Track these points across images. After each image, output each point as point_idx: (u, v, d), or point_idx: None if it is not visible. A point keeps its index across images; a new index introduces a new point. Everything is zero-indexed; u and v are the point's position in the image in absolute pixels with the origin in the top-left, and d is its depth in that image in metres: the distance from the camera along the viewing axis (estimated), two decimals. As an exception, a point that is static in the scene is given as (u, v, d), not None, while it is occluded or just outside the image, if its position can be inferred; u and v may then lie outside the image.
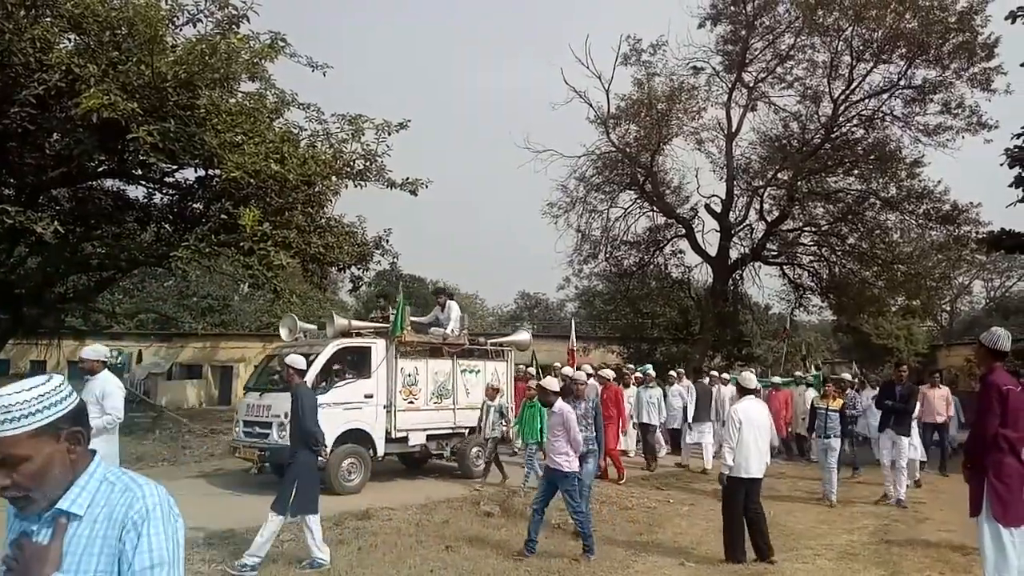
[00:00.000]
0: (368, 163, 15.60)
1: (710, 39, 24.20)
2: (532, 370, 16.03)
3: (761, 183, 24.15)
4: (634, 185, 24.53)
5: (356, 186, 15.95)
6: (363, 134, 15.49)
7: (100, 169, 16.47)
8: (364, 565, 6.62)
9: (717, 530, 7.44)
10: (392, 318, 11.73)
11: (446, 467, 12.43)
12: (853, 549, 7.72)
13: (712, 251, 24.90)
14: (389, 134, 15.58)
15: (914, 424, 11.10)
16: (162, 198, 18.40)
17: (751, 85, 23.85)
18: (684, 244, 25.95)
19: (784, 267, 26.20)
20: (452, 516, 8.60)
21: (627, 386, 14.53)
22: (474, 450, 11.99)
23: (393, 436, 11.19)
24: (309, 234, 15.36)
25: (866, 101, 22.86)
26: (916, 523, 9.13)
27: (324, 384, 10.49)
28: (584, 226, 24.89)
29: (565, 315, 54.67)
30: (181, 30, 14.22)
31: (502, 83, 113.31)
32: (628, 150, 23.61)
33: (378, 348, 11.21)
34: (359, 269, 18.36)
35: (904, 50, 21.35)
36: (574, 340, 17.53)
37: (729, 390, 14.32)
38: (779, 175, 23.45)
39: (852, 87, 22.28)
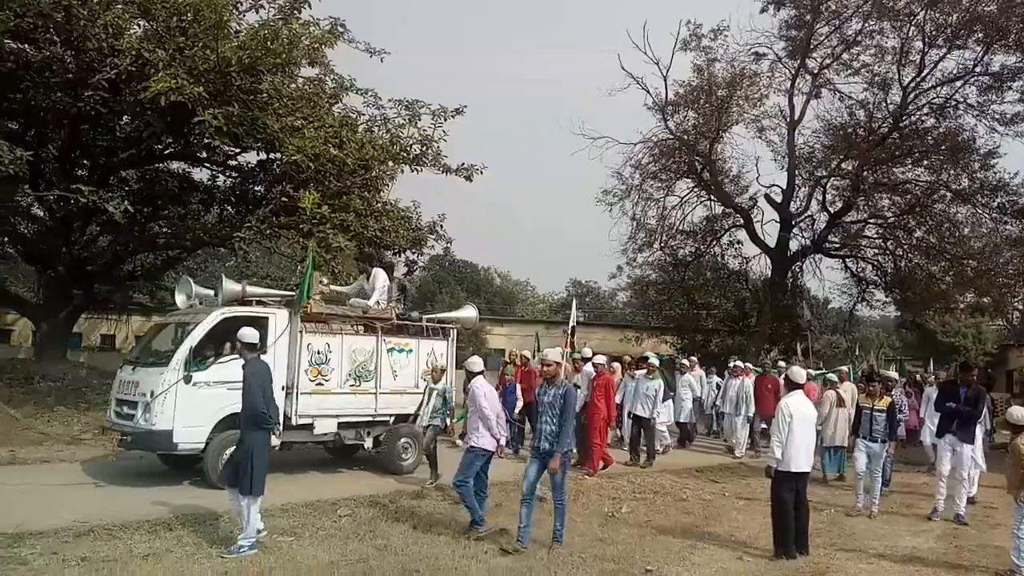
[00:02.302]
0: (424, 148, 15.71)
1: (773, 24, 23.63)
2: (529, 354, 15.04)
3: (824, 173, 23.42)
4: (691, 173, 24.08)
5: (412, 171, 16.09)
6: (419, 119, 15.63)
7: (167, 152, 17.03)
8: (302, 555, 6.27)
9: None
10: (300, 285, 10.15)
11: (372, 459, 10.79)
12: (919, 552, 7.44)
13: (771, 242, 24.29)
14: (445, 119, 15.69)
15: (979, 431, 9.98)
16: (225, 180, 18.92)
17: (815, 72, 23.08)
18: (742, 234, 25.42)
19: (847, 260, 25.40)
20: (503, 500, 8.54)
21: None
22: (401, 441, 10.47)
23: (294, 423, 9.55)
24: (366, 218, 15.55)
25: (938, 89, 21.93)
26: (988, 528, 8.74)
27: (202, 360, 8.98)
28: (639, 214, 24.58)
29: (616, 304, 54.34)
30: (244, 16, 14.50)
31: (557, 69, 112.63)
32: (686, 137, 23.15)
33: (277, 319, 9.51)
34: (414, 253, 18.56)
35: (981, 35, 20.35)
36: (574, 320, 16.47)
37: (739, 382, 14.23)
38: (843, 165, 22.69)
39: (923, 74, 21.37)
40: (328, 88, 16.00)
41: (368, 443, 10.39)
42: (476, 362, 8.16)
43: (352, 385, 10.19)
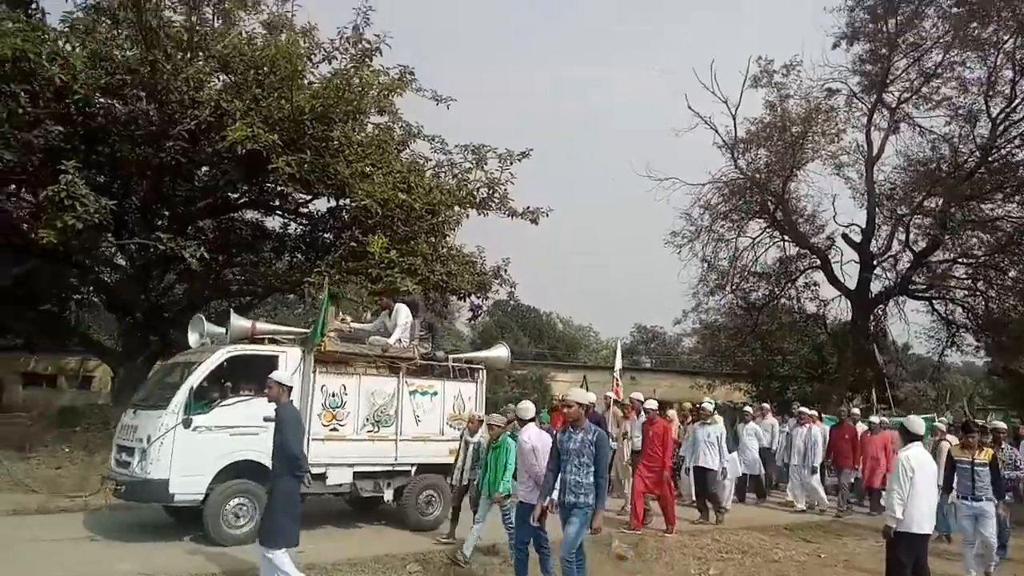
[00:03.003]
0: (491, 191, 15.72)
1: (846, 59, 22.82)
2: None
3: (907, 210, 22.31)
4: (764, 213, 23.31)
5: (480, 214, 16.08)
6: (486, 163, 15.70)
7: (241, 201, 17.54)
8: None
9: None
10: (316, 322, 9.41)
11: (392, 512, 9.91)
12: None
13: (851, 284, 23.18)
14: (511, 163, 15.73)
15: None
16: (296, 228, 19.32)
17: (893, 106, 22.22)
18: (819, 276, 24.33)
19: (934, 302, 23.98)
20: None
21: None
22: (424, 494, 9.59)
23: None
24: (432, 262, 15.57)
25: (1028, 120, 20.67)
26: None
27: (206, 402, 8.36)
28: (710, 255, 23.88)
29: (682, 350, 52.97)
30: (318, 67, 14.92)
31: (618, 109, 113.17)
32: (757, 176, 22.51)
33: (287, 359, 8.79)
34: (479, 298, 18.47)
35: (1076, 61, 19.24)
36: (619, 364, 15.31)
37: (806, 430, 13.09)
38: (927, 202, 21.58)
39: (1014, 105, 20.22)
40: (396, 135, 16.28)
41: (388, 495, 9.53)
42: (527, 408, 7.58)
43: (370, 431, 9.36)
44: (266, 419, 7.61)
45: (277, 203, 17.83)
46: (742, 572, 7.92)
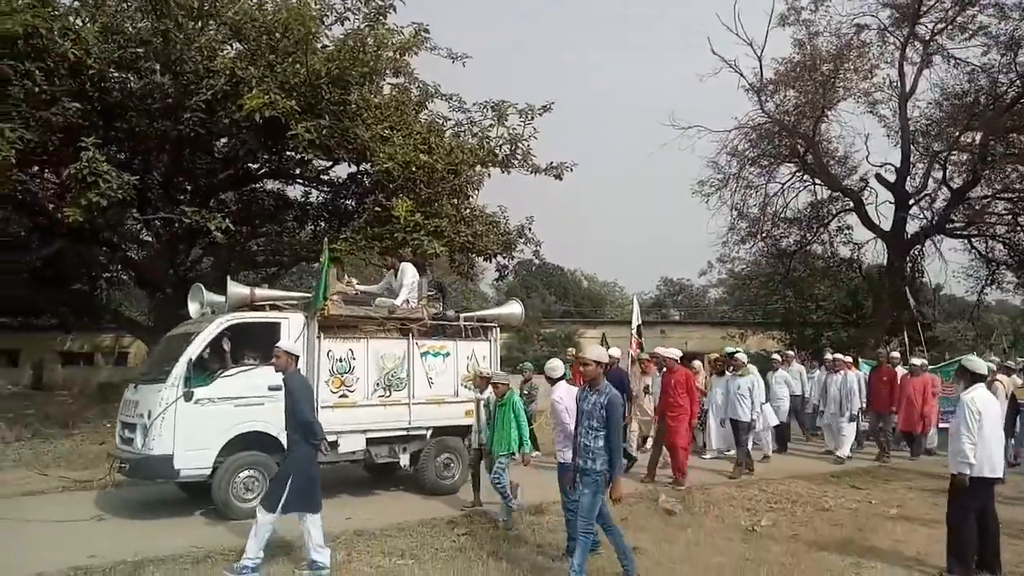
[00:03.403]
0: (513, 148, 15.38)
1: (876, -11, 21.78)
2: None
3: (943, 146, 21.51)
4: (794, 157, 22.63)
5: (503, 171, 15.76)
6: (507, 119, 15.33)
7: (262, 171, 17.41)
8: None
9: (940, 537, 6.38)
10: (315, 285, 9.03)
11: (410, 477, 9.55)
12: None
13: (886, 225, 22.54)
14: (532, 118, 15.37)
15: None
16: (318, 196, 19.24)
17: (927, 38, 21.24)
18: (852, 219, 23.69)
19: (973, 239, 23.27)
20: (629, 514, 7.91)
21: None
22: (442, 457, 9.32)
23: None
24: (457, 223, 15.36)
25: (1073, 44, 19.64)
26: None
27: (207, 374, 8.05)
28: (739, 203, 23.31)
29: (709, 301, 52.51)
30: (331, 29, 14.58)
31: (640, 60, 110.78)
32: (786, 119, 21.79)
33: (291, 325, 8.49)
34: (504, 258, 18.26)
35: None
36: (637, 318, 14.78)
37: (841, 377, 12.55)
38: (964, 136, 20.75)
39: (1059, 29, 19.21)
40: (414, 96, 15.96)
41: (404, 460, 9.23)
42: (557, 366, 7.21)
43: (381, 396, 9.05)
44: (271, 388, 7.60)
45: (297, 171, 17.69)
46: (795, 522, 7.75)
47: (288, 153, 16.10)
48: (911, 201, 22.38)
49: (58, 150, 12.65)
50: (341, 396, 8.75)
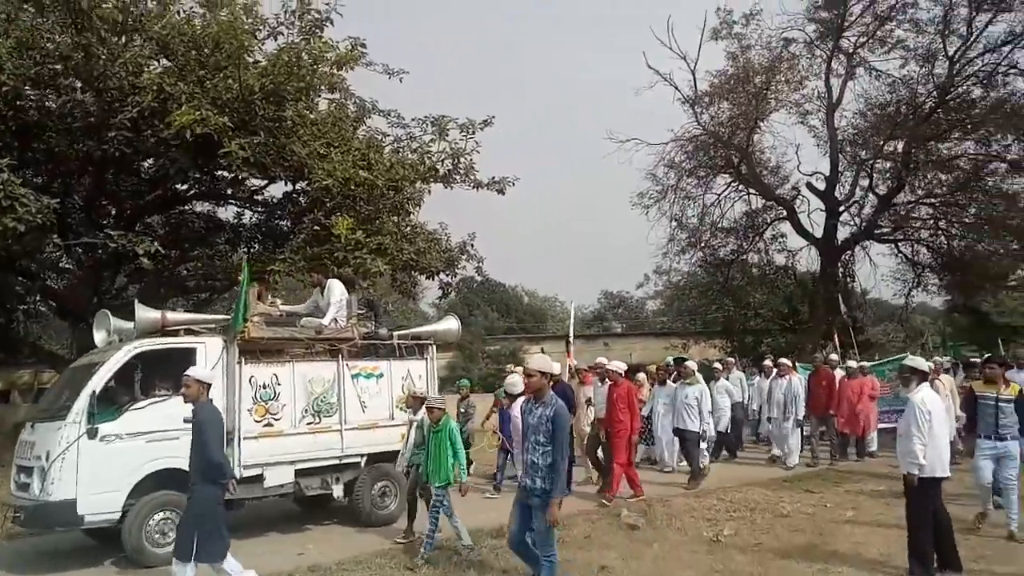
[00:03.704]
0: (455, 162, 15.23)
1: (802, 6, 22.67)
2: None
3: (869, 155, 22.42)
4: (729, 168, 23.24)
5: (446, 187, 15.60)
6: (447, 134, 15.18)
7: (191, 192, 16.70)
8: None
9: (899, 538, 6.44)
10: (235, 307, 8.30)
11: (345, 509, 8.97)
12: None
13: (818, 233, 23.32)
14: (473, 133, 15.28)
15: None
16: (251, 217, 18.57)
17: (850, 51, 22.19)
18: (786, 227, 24.49)
19: (899, 244, 24.27)
20: (592, 531, 7.74)
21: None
22: (378, 486, 8.67)
23: (238, 475, 7.62)
24: (400, 241, 15.08)
25: (984, 56, 20.78)
26: None
27: (114, 408, 7.38)
28: (678, 214, 23.75)
29: (647, 313, 53.24)
30: (264, 44, 14.15)
31: (579, 74, 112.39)
32: (720, 131, 22.35)
33: (207, 350, 7.89)
34: (447, 275, 18.02)
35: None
36: (572, 328, 15.04)
37: (785, 382, 12.67)
38: (888, 145, 21.68)
39: (970, 42, 20.31)
40: (351, 112, 15.66)
41: (338, 492, 8.65)
42: (515, 382, 7.14)
43: (310, 423, 8.45)
44: (187, 420, 6.81)
45: (230, 192, 17.06)
46: (756, 530, 7.74)
47: (220, 172, 15.52)
48: (840, 208, 23.24)
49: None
50: (266, 425, 8.13)
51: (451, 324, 10.61)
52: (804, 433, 13.55)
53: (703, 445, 12.02)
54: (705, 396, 11.18)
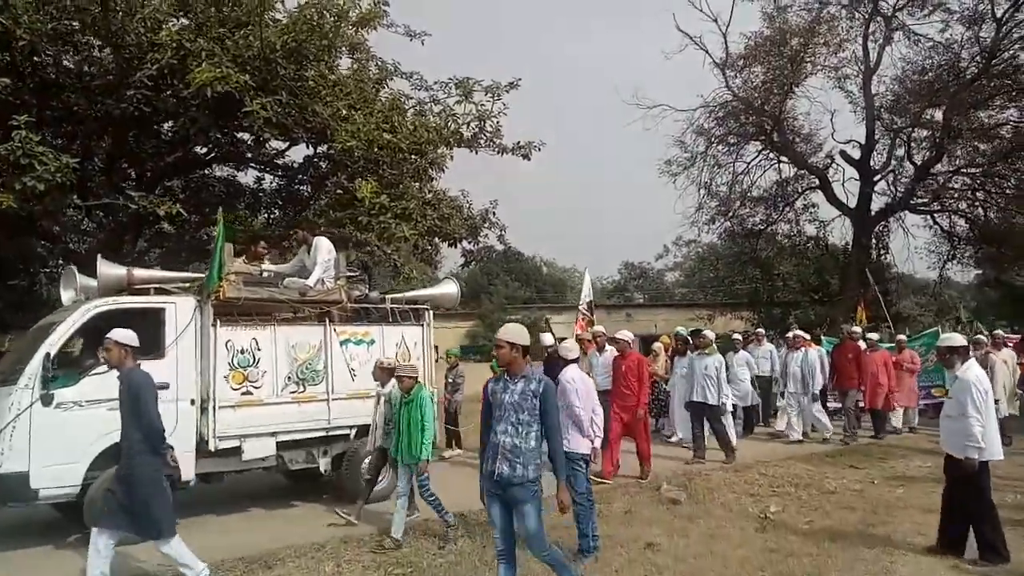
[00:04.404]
0: (481, 125, 14.80)
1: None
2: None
3: (906, 123, 21.60)
4: (760, 135, 22.52)
5: (471, 151, 15.20)
6: (472, 96, 14.74)
7: (212, 155, 16.41)
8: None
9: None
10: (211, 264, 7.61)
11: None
12: None
13: (852, 203, 22.60)
14: (498, 96, 14.79)
15: None
16: (271, 182, 18.32)
17: (889, 14, 21.25)
18: (818, 197, 23.78)
19: (936, 215, 23.53)
20: (632, 505, 7.45)
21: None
22: (367, 461, 7.84)
23: (212, 447, 7.31)
24: (424, 206, 14.75)
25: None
26: None
27: (74, 373, 6.87)
28: (707, 182, 23.12)
29: (667, 285, 52.66)
30: (284, 1, 13.73)
31: (603, 40, 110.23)
32: (753, 96, 21.61)
33: (177, 310, 7.34)
34: (470, 243, 17.70)
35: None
36: (586, 294, 14.21)
37: (802, 354, 12.28)
38: (926, 113, 20.85)
39: (1020, 3, 19.28)
40: (372, 74, 15.23)
41: (325, 465, 8.11)
42: (572, 347, 6.60)
43: (294, 392, 7.89)
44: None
45: (250, 155, 16.77)
46: (805, 508, 7.41)
47: (241, 135, 15.21)
48: (876, 177, 22.49)
49: (-12, 134, 11.55)
50: (244, 393, 7.57)
51: (450, 288, 10.16)
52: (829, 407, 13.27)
53: (730, 421, 11.51)
54: (723, 367, 10.74)
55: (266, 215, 18.18)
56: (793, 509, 7.34)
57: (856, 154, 22.19)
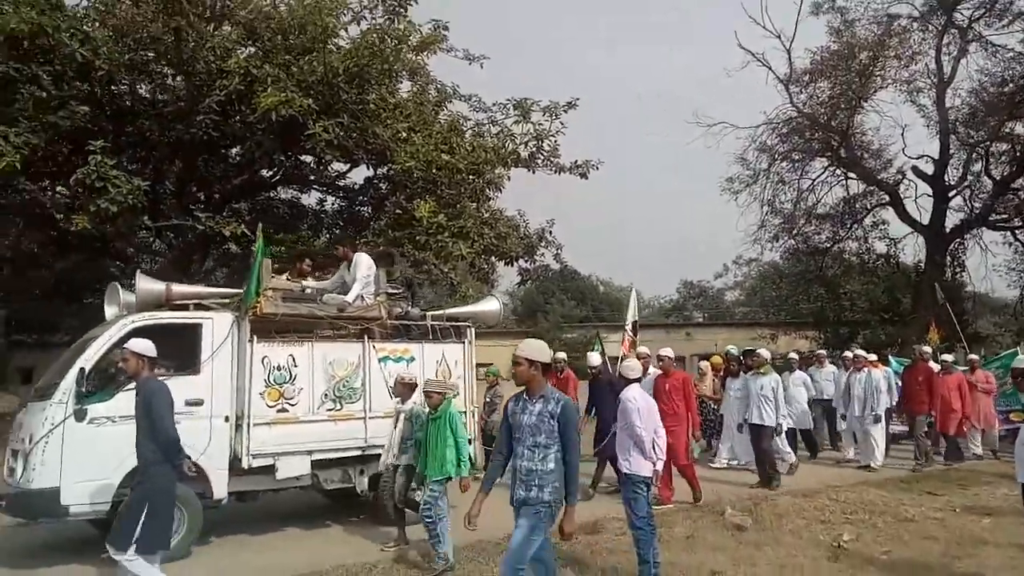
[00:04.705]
0: (539, 144, 14.81)
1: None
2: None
3: (984, 136, 20.67)
4: (826, 151, 21.88)
5: (529, 170, 15.20)
6: (530, 116, 14.78)
7: (276, 178, 16.90)
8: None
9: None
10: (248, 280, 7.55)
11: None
12: None
13: (924, 219, 21.70)
14: (556, 116, 14.76)
15: None
16: (333, 203, 18.74)
17: (964, 25, 20.45)
18: (888, 214, 22.91)
19: (1016, 232, 22.35)
20: (695, 530, 7.17)
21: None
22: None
23: (246, 465, 7.16)
24: (481, 225, 14.81)
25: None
26: None
27: (109, 389, 6.79)
28: (770, 199, 22.56)
29: (726, 304, 51.53)
30: (348, 27, 14.10)
31: (663, 61, 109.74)
32: (818, 112, 21.05)
33: (215, 326, 7.31)
34: (526, 261, 17.69)
35: None
36: (633, 312, 13.57)
37: (865, 375, 11.51)
38: (1007, 125, 19.89)
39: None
40: (431, 97, 15.46)
41: (361, 485, 7.88)
42: (634, 367, 6.37)
43: (331, 409, 7.72)
44: (189, 403, 6.69)
45: (313, 177, 17.22)
46: (882, 536, 6.98)
47: (304, 157, 15.62)
48: (951, 193, 21.56)
49: (67, 159, 12.16)
50: (280, 411, 7.43)
51: (492, 305, 9.87)
52: (895, 431, 12.60)
53: (778, 441, 10.84)
54: (779, 386, 10.17)
55: (328, 235, 18.60)
56: (868, 538, 6.92)
57: (929, 169, 21.33)
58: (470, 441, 7.79)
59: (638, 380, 6.23)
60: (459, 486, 6.37)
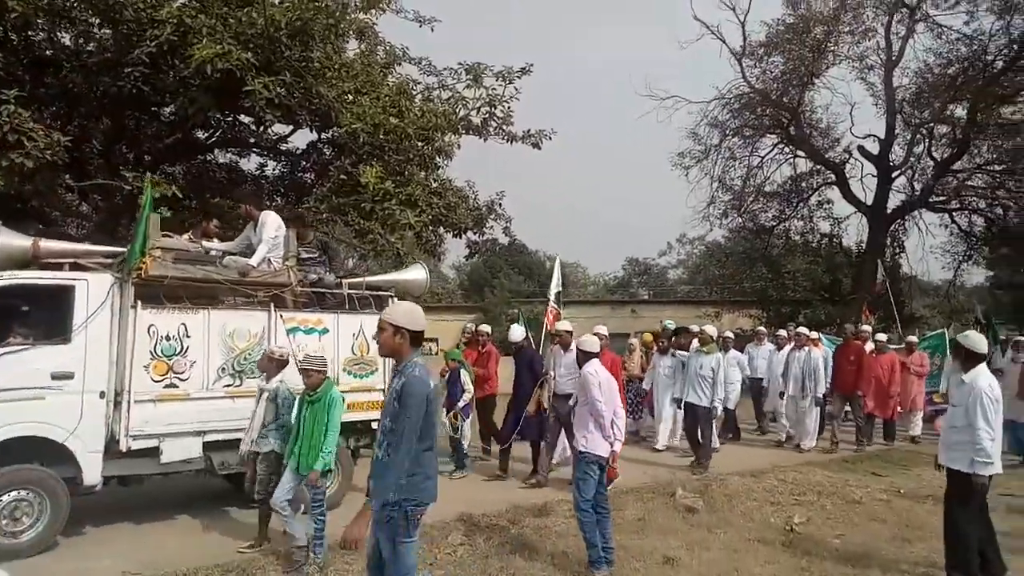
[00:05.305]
0: (491, 111, 14.37)
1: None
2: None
3: (928, 117, 21.04)
4: (777, 128, 21.99)
5: (480, 138, 14.78)
6: (483, 81, 14.32)
7: (213, 140, 16.01)
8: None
9: (1003, 539, 5.61)
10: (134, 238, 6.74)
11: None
12: None
13: (868, 200, 22.07)
14: (510, 82, 14.37)
15: None
16: (274, 169, 17.92)
17: (914, 4, 20.63)
18: (833, 194, 23.27)
19: (954, 214, 22.96)
20: (646, 512, 7.00)
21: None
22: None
23: (125, 447, 6.46)
24: (430, 195, 14.35)
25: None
26: None
27: None
28: (720, 175, 22.61)
29: (670, 281, 52.14)
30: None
31: (615, 35, 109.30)
32: (771, 88, 21.06)
33: (89, 289, 6.52)
34: (475, 234, 17.30)
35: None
36: (555, 285, 13.29)
37: (804, 354, 11.39)
38: (949, 107, 20.27)
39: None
40: (380, 58, 14.83)
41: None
42: (591, 341, 6.09)
43: (228, 385, 6.99)
44: (56, 376, 6.04)
45: (252, 140, 16.37)
46: (832, 520, 6.96)
47: (243, 117, 14.78)
48: (894, 174, 21.95)
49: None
50: (167, 386, 6.69)
51: (418, 274, 9.29)
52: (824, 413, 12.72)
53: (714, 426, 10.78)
54: (722, 367, 10.00)
55: (268, 202, 17.80)
56: (819, 520, 6.90)
57: (875, 149, 21.68)
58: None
59: (596, 355, 5.95)
60: (309, 478, 5.80)
